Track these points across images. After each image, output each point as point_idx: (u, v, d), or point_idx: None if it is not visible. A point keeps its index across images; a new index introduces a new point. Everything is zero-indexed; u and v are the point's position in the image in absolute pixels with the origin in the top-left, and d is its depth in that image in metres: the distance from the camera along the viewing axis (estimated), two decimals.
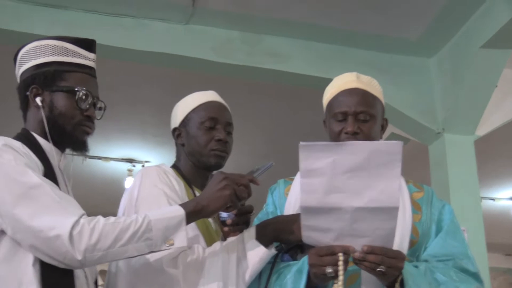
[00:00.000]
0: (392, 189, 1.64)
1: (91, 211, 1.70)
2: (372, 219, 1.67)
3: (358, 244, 1.72)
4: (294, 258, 1.92)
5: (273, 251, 1.88)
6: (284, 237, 1.88)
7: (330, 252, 1.71)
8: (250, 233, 1.90)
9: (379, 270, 1.69)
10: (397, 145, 1.64)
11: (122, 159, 7.01)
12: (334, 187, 1.66)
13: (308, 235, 1.75)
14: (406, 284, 1.75)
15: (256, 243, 1.87)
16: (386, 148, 1.65)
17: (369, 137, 1.96)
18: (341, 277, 1.69)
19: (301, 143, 1.66)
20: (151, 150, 6.79)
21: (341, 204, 1.67)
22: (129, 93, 5.50)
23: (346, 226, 1.69)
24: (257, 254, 1.85)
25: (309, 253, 1.77)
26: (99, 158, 6.90)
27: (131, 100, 5.65)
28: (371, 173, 1.64)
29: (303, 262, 1.82)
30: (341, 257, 1.69)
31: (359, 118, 1.98)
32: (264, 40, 4.59)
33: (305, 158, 1.67)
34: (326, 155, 1.65)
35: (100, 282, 2.00)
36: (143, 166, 7.02)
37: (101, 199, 7.30)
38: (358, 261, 1.71)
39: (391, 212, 1.66)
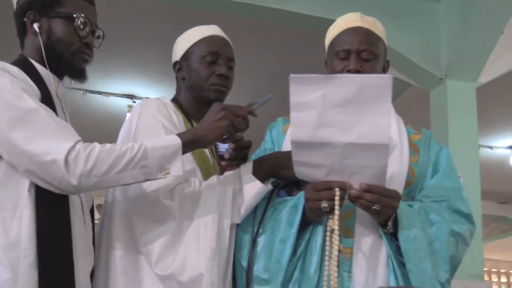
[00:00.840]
0: (382, 125, 1.64)
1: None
2: (362, 156, 1.67)
3: (349, 181, 1.72)
4: (290, 194, 1.94)
5: (269, 186, 1.89)
6: (280, 173, 1.89)
7: (327, 187, 1.73)
8: (247, 168, 1.91)
9: (374, 209, 1.72)
10: (387, 79, 1.63)
11: (123, 94, 6.97)
12: (324, 122, 1.65)
13: (300, 171, 1.76)
14: (399, 222, 1.78)
15: (253, 177, 1.88)
16: (376, 82, 1.63)
17: None
18: (336, 212, 1.71)
19: (292, 75, 1.65)
20: (152, 86, 6.76)
21: (330, 139, 1.67)
22: (132, 29, 5.44)
23: (336, 162, 1.70)
24: (253, 188, 1.87)
25: (306, 187, 1.78)
26: (100, 93, 6.85)
27: (134, 36, 5.60)
28: (361, 107, 1.63)
29: (299, 198, 1.84)
30: (337, 192, 1.71)
31: (362, 57, 1.97)
32: None
33: (295, 90, 1.66)
34: (316, 87, 1.64)
35: (96, 215, 2.02)
36: None
37: (100, 134, 7.24)
38: (354, 199, 1.73)
39: (381, 149, 1.66)
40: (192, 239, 1.79)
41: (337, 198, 1.71)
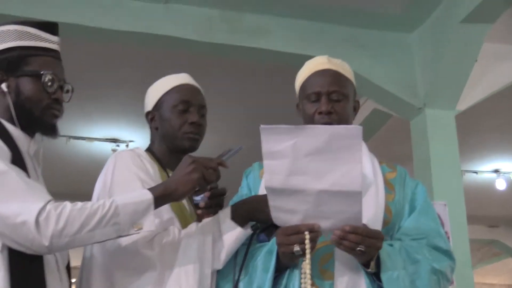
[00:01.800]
0: (354, 174, 1.65)
1: (75, 191, 1.70)
2: (336, 202, 1.68)
3: (325, 226, 1.73)
4: (270, 237, 1.94)
5: (248, 230, 1.89)
6: (259, 216, 1.90)
7: (296, 231, 1.73)
8: (225, 213, 1.91)
9: (359, 250, 1.71)
10: (356, 129, 1.65)
11: (106, 139, 6.97)
12: (296, 169, 1.67)
13: (277, 216, 1.76)
14: (382, 263, 1.78)
15: (232, 223, 1.88)
16: (346, 132, 1.66)
17: (343, 117, 1.98)
18: (308, 256, 1.71)
19: (262, 126, 1.67)
20: (135, 129, 6.76)
21: (304, 186, 1.68)
22: (111, 74, 5.45)
23: (311, 208, 1.71)
24: (233, 234, 1.87)
25: (277, 233, 1.79)
26: (83, 138, 6.85)
27: (113, 81, 5.61)
28: (332, 156, 1.65)
29: (273, 243, 1.84)
30: (307, 235, 1.71)
31: (332, 98, 2.00)
32: (244, 18, 4.55)
33: (266, 140, 1.68)
34: (287, 137, 1.66)
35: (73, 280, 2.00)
36: (127, 145, 6.99)
37: (85, 179, 7.22)
38: (337, 241, 1.73)
39: (354, 196, 1.67)
40: None
41: (307, 241, 1.71)
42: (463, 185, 4.81)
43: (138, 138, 6.93)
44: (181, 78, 2.18)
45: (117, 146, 7.02)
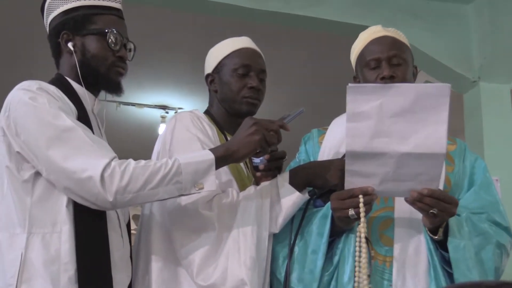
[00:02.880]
0: (439, 135, 1.64)
1: (124, 157, 1.73)
2: (417, 165, 1.67)
3: (401, 189, 1.72)
4: (326, 203, 1.95)
5: (306, 196, 1.90)
6: (317, 182, 1.90)
7: (351, 195, 1.74)
8: (283, 177, 1.92)
9: (432, 212, 1.71)
10: (445, 88, 1.64)
11: (156, 105, 7.02)
12: (380, 132, 1.66)
13: (351, 180, 1.75)
14: (451, 231, 1.78)
15: (290, 187, 1.89)
16: (434, 91, 1.64)
17: (404, 81, 1.97)
18: (362, 219, 1.71)
19: (350, 84, 1.66)
20: (184, 97, 6.79)
21: (386, 149, 1.67)
22: (163, 40, 5.48)
23: (390, 171, 1.70)
24: (291, 198, 1.88)
25: (331, 198, 1.80)
26: (133, 104, 6.92)
27: (165, 47, 5.63)
28: (418, 117, 1.63)
29: (328, 208, 1.85)
30: (361, 198, 1.72)
31: (393, 63, 1.99)
32: None
33: (352, 100, 1.66)
34: (373, 97, 1.65)
35: (133, 226, 2.05)
36: (176, 112, 7.04)
37: (134, 146, 7.36)
38: (413, 201, 1.73)
39: (437, 158, 1.66)
40: (232, 249, 1.81)
41: (361, 204, 1.71)
42: None
43: (187, 105, 6.97)
44: (242, 42, 2.18)
45: (166, 113, 7.08)
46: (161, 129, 7.18)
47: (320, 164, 1.93)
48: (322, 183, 1.89)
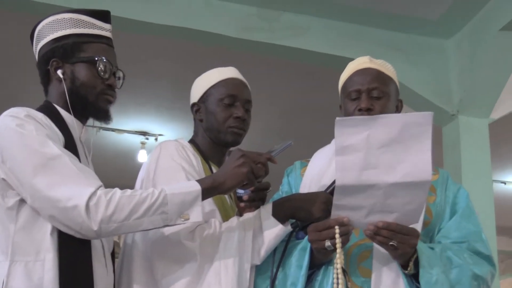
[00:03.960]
0: (425, 162, 1.66)
1: (103, 182, 1.73)
2: (404, 194, 1.69)
3: (388, 220, 1.73)
4: None
5: (288, 228, 1.90)
6: (300, 215, 1.90)
7: (327, 227, 1.75)
8: (267, 209, 1.92)
9: (391, 245, 1.73)
10: (428, 116, 1.67)
11: (136, 131, 7.01)
12: (369, 163, 1.68)
13: (337, 214, 1.76)
14: (420, 265, 1.78)
15: (273, 219, 1.89)
16: (418, 120, 1.66)
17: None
18: (339, 250, 1.72)
19: (337, 118, 1.68)
20: (165, 123, 6.79)
21: (375, 181, 1.68)
22: (145, 66, 5.49)
23: (378, 203, 1.71)
24: (273, 230, 1.88)
25: (308, 230, 1.81)
26: (113, 130, 6.90)
27: (147, 73, 5.64)
28: (404, 146, 1.65)
29: (306, 240, 1.85)
30: (337, 229, 1.73)
31: (373, 95, 2.01)
32: (282, 17, 4.56)
33: (340, 133, 1.68)
34: (360, 129, 1.67)
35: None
36: (156, 139, 7.03)
37: (113, 171, 7.32)
38: (371, 235, 1.74)
39: (423, 185, 1.68)
40: (213, 280, 1.80)
41: (337, 235, 1.72)
42: None
43: (168, 131, 6.97)
44: (229, 72, 2.19)
45: (146, 139, 7.06)
46: (141, 155, 7.16)
47: (304, 197, 1.93)
48: (305, 215, 1.89)
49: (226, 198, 2.06)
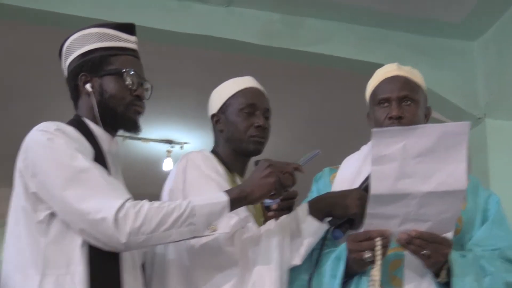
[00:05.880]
0: (460, 172, 1.66)
1: (129, 191, 1.74)
2: (438, 203, 1.69)
3: (421, 229, 1.73)
4: (344, 233, 1.93)
5: (325, 225, 1.91)
6: (336, 212, 1.90)
7: (368, 237, 1.74)
8: (302, 209, 1.93)
9: (424, 253, 1.72)
10: (465, 126, 1.67)
11: (161, 140, 7.04)
12: (404, 173, 1.68)
13: (371, 222, 1.76)
14: (452, 272, 1.76)
15: (310, 218, 1.90)
16: (455, 129, 1.67)
17: (413, 122, 1.98)
18: (378, 262, 1.71)
19: (374, 129, 1.69)
20: (190, 131, 6.81)
21: (410, 190, 1.69)
22: (170, 75, 5.51)
23: (412, 212, 1.72)
24: (312, 229, 1.89)
25: (347, 239, 1.80)
26: (139, 139, 6.91)
27: (172, 82, 5.66)
28: (439, 156, 1.66)
29: (341, 250, 1.85)
30: (378, 241, 1.72)
31: (403, 103, 2.01)
32: (305, 23, 4.55)
33: (377, 144, 1.69)
34: (397, 140, 1.68)
35: None
36: (181, 147, 7.06)
37: (139, 180, 7.34)
38: (404, 244, 1.73)
39: (458, 194, 1.69)
40: (258, 283, 1.81)
41: (378, 248, 1.72)
42: None
43: (193, 140, 6.99)
44: (247, 81, 2.21)
45: (171, 148, 7.09)
46: (166, 163, 7.19)
47: (338, 194, 1.94)
48: (341, 212, 1.89)
49: (253, 206, 2.06)
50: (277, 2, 4.40)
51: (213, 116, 2.21)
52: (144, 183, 6.73)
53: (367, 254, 1.73)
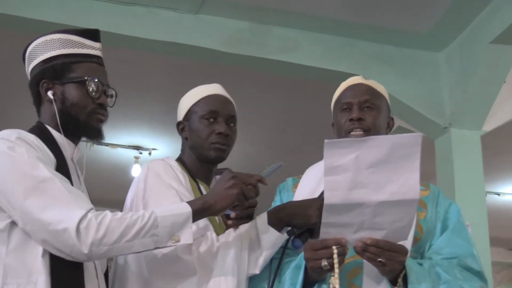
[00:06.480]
0: (413, 181, 1.68)
1: (97, 198, 1.73)
2: (392, 212, 1.71)
3: (377, 237, 1.74)
4: (304, 243, 1.94)
5: (285, 235, 1.91)
6: (296, 222, 1.90)
7: (324, 246, 1.75)
8: (262, 218, 1.93)
9: (380, 261, 1.73)
10: (417, 137, 1.68)
11: (129, 146, 7.02)
12: (358, 183, 1.69)
13: (327, 231, 1.76)
14: (408, 280, 1.78)
15: (269, 227, 1.90)
16: (407, 141, 1.68)
17: (373, 126, 2.02)
18: (337, 270, 1.72)
19: (326, 140, 1.69)
20: (158, 137, 6.80)
21: (364, 200, 1.70)
22: (138, 81, 5.51)
23: (366, 220, 1.73)
24: (271, 239, 1.89)
25: (304, 248, 1.81)
26: (106, 144, 6.90)
27: (140, 88, 5.65)
28: (393, 166, 1.67)
29: (301, 258, 1.86)
30: (335, 249, 1.73)
31: (364, 106, 2.05)
32: (272, 32, 4.59)
33: (329, 155, 1.69)
34: (349, 150, 1.68)
35: None
36: (149, 153, 7.04)
37: (107, 186, 7.33)
38: (360, 251, 1.75)
39: (412, 203, 1.70)
40: None
41: (335, 256, 1.73)
42: None
43: (161, 146, 6.97)
44: (212, 89, 2.20)
45: (139, 154, 7.06)
46: (135, 169, 7.16)
47: (298, 204, 1.94)
48: (301, 222, 1.89)
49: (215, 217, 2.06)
50: (245, 11, 4.42)
51: (178, 123, 2.21)
52: (113, 189, 6.69)
53: (324, 262, 1.73)
